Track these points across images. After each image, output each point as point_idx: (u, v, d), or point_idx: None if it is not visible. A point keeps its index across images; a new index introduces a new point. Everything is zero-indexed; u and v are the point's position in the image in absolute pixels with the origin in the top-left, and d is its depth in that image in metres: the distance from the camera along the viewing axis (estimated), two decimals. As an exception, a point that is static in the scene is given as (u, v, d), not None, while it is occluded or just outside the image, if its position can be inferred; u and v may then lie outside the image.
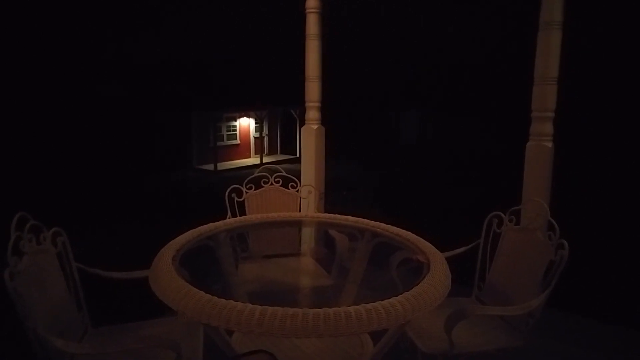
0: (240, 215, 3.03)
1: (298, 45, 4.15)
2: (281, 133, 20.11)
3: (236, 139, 18.32)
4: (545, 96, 2.90)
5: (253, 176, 3.32)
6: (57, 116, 13.95)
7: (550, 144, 2.92)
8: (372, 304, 1.56)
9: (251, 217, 2.99)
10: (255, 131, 18.90)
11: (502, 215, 2.47)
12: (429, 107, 20.17)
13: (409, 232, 2.41)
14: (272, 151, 19.73)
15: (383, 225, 2.58)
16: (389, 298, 1.61)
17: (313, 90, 4.00)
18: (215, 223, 2.56)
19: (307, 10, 3.89)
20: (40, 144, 13.35)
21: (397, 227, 2.51)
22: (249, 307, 1.53)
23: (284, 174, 3.40)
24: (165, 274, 1.84)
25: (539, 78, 2.90)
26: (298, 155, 17.89)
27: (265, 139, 19.43)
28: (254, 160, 18.18)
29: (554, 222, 2.14)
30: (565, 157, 3.96)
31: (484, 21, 14.96)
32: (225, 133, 17.85)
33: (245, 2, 13.77)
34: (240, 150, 18.50)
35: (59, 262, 2.22)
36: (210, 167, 16.48)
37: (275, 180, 3.34)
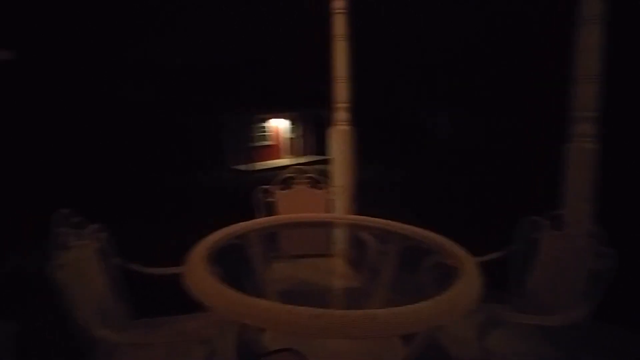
0: (270, 215, 3.08)
1: (329, 45, 4.14)
2: (315, 134, 20.21)
3: (269, 140, 18.55)
4: (586, 95, 2.78)
5: (282, 177, 3.36)
6: (103, 119, 14.56)
7: (592, 145, 2.79)
8: (399, 307, 1.54)
9: (281, 217, 3.02)
10: (289, 132, 19.08)
11: (540, 219, 2.39)
12: (461, 106, 19.70)
13: (440, 236, 2.37)
14: (306, 151, 19.86)
15: (414, 228, 2.55)
16: (418, 302, 1.59)
17: (341, 91, 3.99)
18: (246, 222, 2.61)
19: (334, 11, 3.88)
20: (88, 144, 13.97)
21: (428, 230, 2.48)
22: (276, 306, 1.56)
23: (313, 174, 3.42)
24: (197, 271, 1.89)
25: (580, 76, 2.79)
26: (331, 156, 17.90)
27: (299, 140, 19.58)
28: (286, 161, 18.35)
29: (598, 230, 2.04)
30: (616, 159, 3.77)
31: (517, 18, 14.50)
32: (258, 134, 18.11)
33: (279, 4, 13.92)
34: (274, 151, 18.72)
35: (100, 256, 2.33)
36: (244, 167, 16.76)
37: (305, 180, 3.36)
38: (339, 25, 3.86)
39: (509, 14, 14.11)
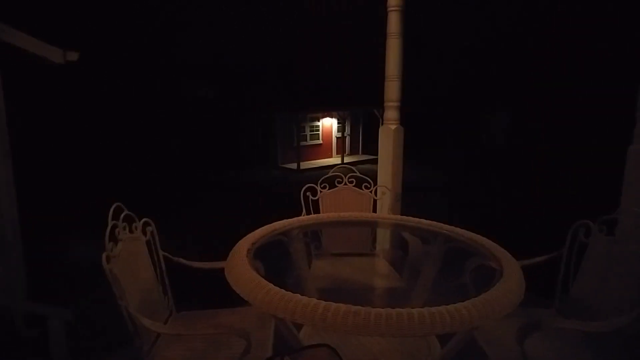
0: (315, 213, 3.11)
1: (382, 44, 4.12)
2: (363, 133, 20.12)
3: (319, 139, 18.67)
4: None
5: (327, 176, 3.38)
6: (155, 117, 15.28)
7: (655, 147, 2.62)
8: (437, 307, 1.52)
9: (324, 215, 3.04)
10: (338, 131, 19.11)
11: (591, 224, 2.27)
12: (517, 109, 18.91)
13: (483, 238, 2.30)
14: (353, 151, 19.82)
15: (457, 229, 2.50)
16: (456, 303, 1.56)
17: (392, 89, 3.96)
18: (290, 220, 2.65)
19: (389, 9, 3.85)
20: (138, 142, 14.73)
21: (472, 232, 2.42)
22: (313, 302, 1.58)
23: (358, 174, 3.41)
24: (239, 265, 1.95)
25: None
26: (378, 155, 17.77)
27: (347, 139, 19.57)
28: (335, 160, 18.38)
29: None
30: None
31: (581, 21, 13.71)
32: (308, 133, 18.27)
33: (332, 3, 13.97)
34: (323, 150, 18.82)
35: (148, 249, 2.45)
36: (294, 166, 16.97)
37: (349, 180, 3.37)
38: (393, 23, 3.83)
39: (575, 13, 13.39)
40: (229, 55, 16.19)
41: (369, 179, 3.41)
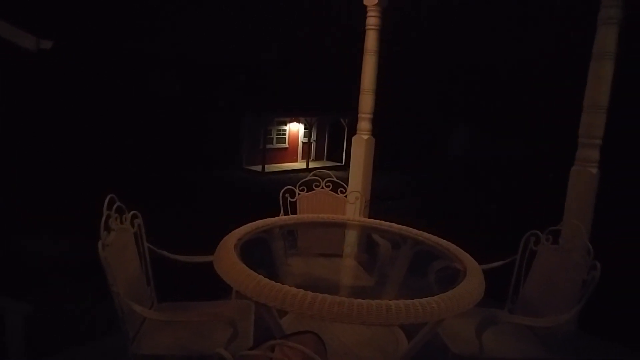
0: (289, 214, 3.29)
1: (351, 55, 4.36)
2: (328, 140, 20.43)
3: (285, 143, 18.81)
4: (593, 124, 2.96)
5: (306, 179, 3.58)
6: (130, 112, 14.95)
7: (595, 170, 2.98)
8: (410, 300, 1.75)
9: (302, 216, 3.23)
10: (304, 136, 19.32)
11: (540, 233, 2.58)
12: (478, 124, 19.90)
13: (449, 242, 2.57)
14: (318, 157, 20.09)
15: (425, 234, 2.75)
16: (426, 297, 1.79)
17: (367, 102, 4.22)
18: (272, 219, 2.82)
19: (368, 27, 4.11)
20: (113, 135, 14.37)
21: (439, 237, 2.68)
22: (302, 292, 1.76)
23: (335, 179, 3.63)
24: (229, 258, 2.10)
25: (589, 106, 2.97)
26: (344, 162, 18.13)
27: (313, 145, 19.81)
28: (300, 164, 18.58)
29: (589, 245, 2.24)
30: (612, 184, 3.96)
31: (535, 45, 14.72)
32: (275, 136, 18.38)
33: (303, 10, 14.21)
34: (288, 154, 18.97)
35: (135, 240, 2.55)
36: (258, 168, 17.02)
37: (326, 184, 3.58)
38: (370, 41, 4.09)
39: (532, 41, 14.30)
40: (199, 52, 16.06)
41: (344, 184, 3.63)
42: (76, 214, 2.21)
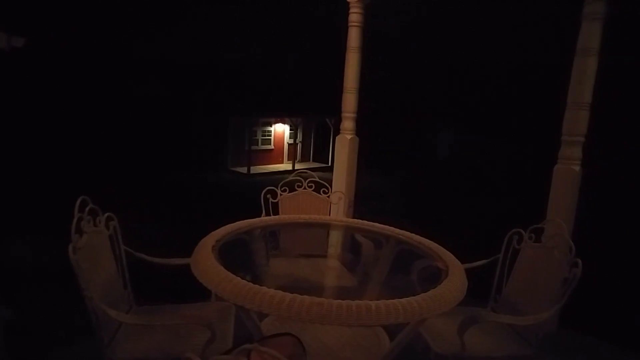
0: (274, 215, 3.24)
1: (336, 55, 4.32)
2: (314, 141, 20.40)
3: (270, 144, 18.72)
4: (576, 121, 2.98)
5: (288, 180, 3.53)
6: (108, 112, 14.72)
7: (577, 168, 2.99)
8: (391, 300, 1.71)
9: (286, 216, 3.18)
10: (289, 138, 19.25)
11: (523, 232, 2.57)
12: (463, 125, 20.10)
13: (432, 242, 2.54)
14: (304, 158, 20.03)
15: (408, 233, 2.72)
16: (408, 297, 1.76)
17: (350, 101, 4.17)
18: (252, 220, 2.77)
19: (350, 24, 4.06)
20: (93, 136, 14.14)
21: (422, 236, 2.65)
22: (279, 294, 1.71)
23: (317, 179, 3.59)
24: (206, 259, 2.05)
25: (572, 103, 2.98)
26: (330, 163, 18.11)
27: (299, 146, 19.75)
28: (286, 166, 18.50)
29: (571, 243, 2.23)
30: (595, 182, 4.00)
31: (520, 44, 14.91)
32: (260, 138, 18.28)
33: (287, 9, 14.17)
34: (274, 155, 18.88)
35: (110, 243, 2.47)
36: (244, 169, 16.90)
37: (308, 185, 3.53)
38: (353, 38, 4.04)
39: (519, 39, 14.48)
40: (185, 54, 15.92)
41: (327, 185, 3.59)
42: (56, 216, 2.15)
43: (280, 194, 3.44)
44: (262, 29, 15.56)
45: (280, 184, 3.47)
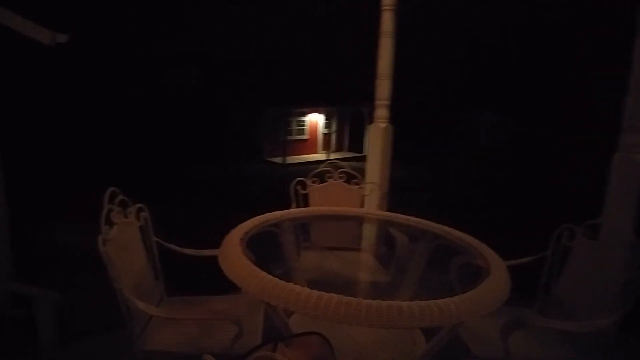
0: (303, 207, 3.15)
1: (371, 42, 4.16)
2: (349, 130, 20.21)
3: (305, 134, 18.69)
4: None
5: (318, 170, 3.42)
6: (142, 107, 15.11)
7: (641, 157, 2.72)
8: (426, 301, 1.58)
9: (316, 208, 3.09)
10: (324, 127, 19.15)
11: (575, 228, 2.36)
12: (505, 111, 19.25)
13: (471, 237, 2.38)
14: (339, 148, 19.90)
15: (445, 227, 2.57)
16: (444, 298, 1.63)
17: (383, 88, 4.01)
18: (281, 212, 2.69)
19: (383, 8, 3.89)
20: (132, 129, 14.57)
21: (460, 231, 2.49)
22: (306, 291, 1.62)
23: (348, 170, 3.47)
24: (232, 253, 1.99)
25: (636, 87, 2.71)
26: (365, 153, 17.90)
27: (334, 136, 19.63)
28: (320, 156, 18.44)
29: (634, 240, 2.01)
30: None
31: (569, 23, 14.01)
32: (294, 128, 18.28)
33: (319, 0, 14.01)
34: (308, 145, 18.85)
35: (141, 234, 2.47)
36: (279, 160, 16.97)
37: (339, 175, 3.42)
38: (387, 22, 3.87)
39: (563, 16, 13.66)
40: (218, 46, 16.05)
41: (358, 175, 3.47)
42: (97, 206, 2.21)
43: (310, 185, 3.35)
44: (295, 20, 15.44)
45: (310, 175, 3.38)
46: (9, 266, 3.37)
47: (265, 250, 2.43)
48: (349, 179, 3.45)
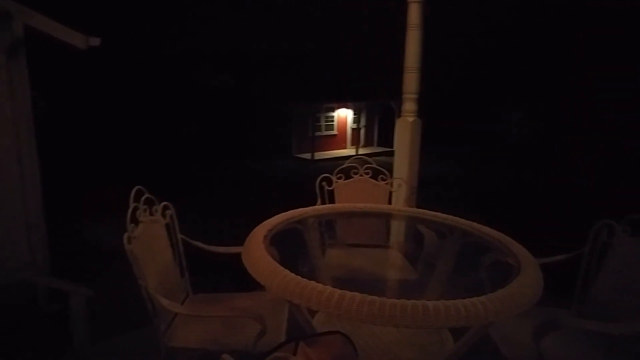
0: (330, 204, 3.12)
1: (400, 36, 4.07)
2: (379, 125, 19.99)
3: (334, 129, 18.61)
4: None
5: (343, 166, 3.38)
6: (172, 105, 15.44)
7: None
8: (452, 300, 1.52)
9: (340, 205, 3.05)
10: (353, 122, 19.02)
11: (614, 224, 2.23)
12: (538, 105, 18.57)
13: (501, 234, 2.28)
14: (368, 143, 19.72)
15: (474, 224, 2.48)
16: (472, 297, 1.56)
17: (411, 81, 3.92)
18: (305, 208, 2.66)
19: (410, 0, 3.81)
20: (156, 129, 14.93)
21: (490, 227, 2.40)
22: (329, 290, 1.59)
23: (374, 165, 3.40)
24: (255, 251, 1.98)
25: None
26: (394, 148, 17.68)
27: (362, 131, 19.47)
28: (349, 151, 18.32)
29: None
30: None
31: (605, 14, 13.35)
32: (323, 123, 18.22)
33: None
34: (337, 140, 18.76)
35: (167, 232, 2.49)
36: (308, 156, 16.97)
37: (365, 171, 3.36)
38: (414, 15, 3.79)
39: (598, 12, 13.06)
40: (246, 44, 16.18)
41: (385, 171, 3.40)
42: (127, 202, 2.27)
43: (336, 181, 3.31)
44: (323, 15, 15.37)
45: (336, 171, 3.33)
46: (46, 264, 3.49)
47: (288, 247, 2.41)
48: (376, 174, 3.38)
